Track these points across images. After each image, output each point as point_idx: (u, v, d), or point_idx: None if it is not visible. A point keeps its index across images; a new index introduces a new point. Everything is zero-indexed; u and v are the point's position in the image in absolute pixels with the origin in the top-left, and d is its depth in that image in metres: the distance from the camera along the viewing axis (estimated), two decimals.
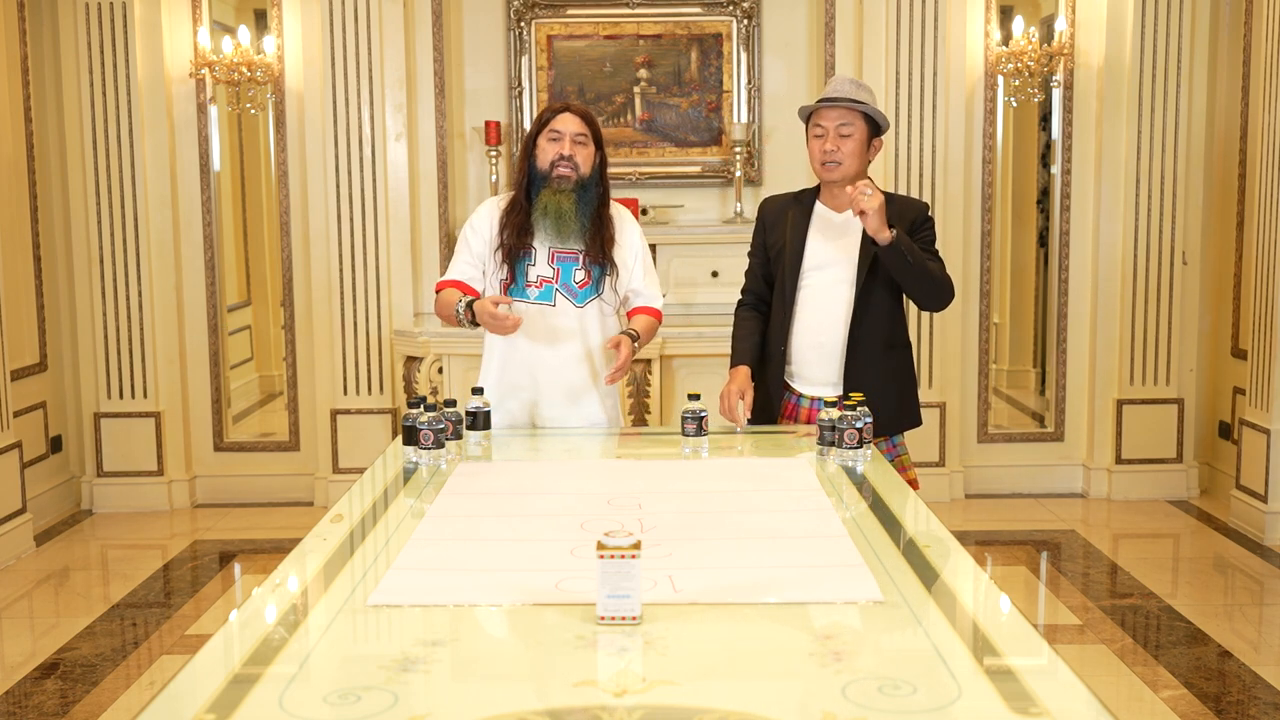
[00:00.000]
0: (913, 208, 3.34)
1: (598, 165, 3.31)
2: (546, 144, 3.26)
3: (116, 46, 5.55)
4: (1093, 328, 5.79)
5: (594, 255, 3.29)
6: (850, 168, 3.24)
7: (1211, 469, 5.89)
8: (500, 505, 2.58)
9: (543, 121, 3.28)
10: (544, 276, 3.29)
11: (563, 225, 3.23)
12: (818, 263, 3.30)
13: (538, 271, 3.29)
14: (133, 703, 3.62)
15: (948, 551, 2.20)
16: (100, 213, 5.63)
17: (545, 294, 3.29)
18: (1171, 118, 5.59)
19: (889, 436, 3.35)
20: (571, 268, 3.30)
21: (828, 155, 3.23)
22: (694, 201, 5.97)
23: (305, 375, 5.85)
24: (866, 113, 3.24)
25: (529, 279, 3.29)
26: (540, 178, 3.25)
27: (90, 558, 5.19)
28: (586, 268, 3.30)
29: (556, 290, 3.29)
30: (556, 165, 3.23)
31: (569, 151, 3.23)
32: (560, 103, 3.33)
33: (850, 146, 3.22)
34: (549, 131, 3.25)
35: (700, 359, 5.22)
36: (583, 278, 3.31)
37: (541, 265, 3.29)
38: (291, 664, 1.73)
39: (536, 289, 3.29)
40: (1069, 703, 1.56)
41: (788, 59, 5.93)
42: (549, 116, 3.27)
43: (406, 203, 5.68)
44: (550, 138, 3.25)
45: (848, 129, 3.22)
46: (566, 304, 3.30)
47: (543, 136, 3.26)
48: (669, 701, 1.56)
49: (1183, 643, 4.01)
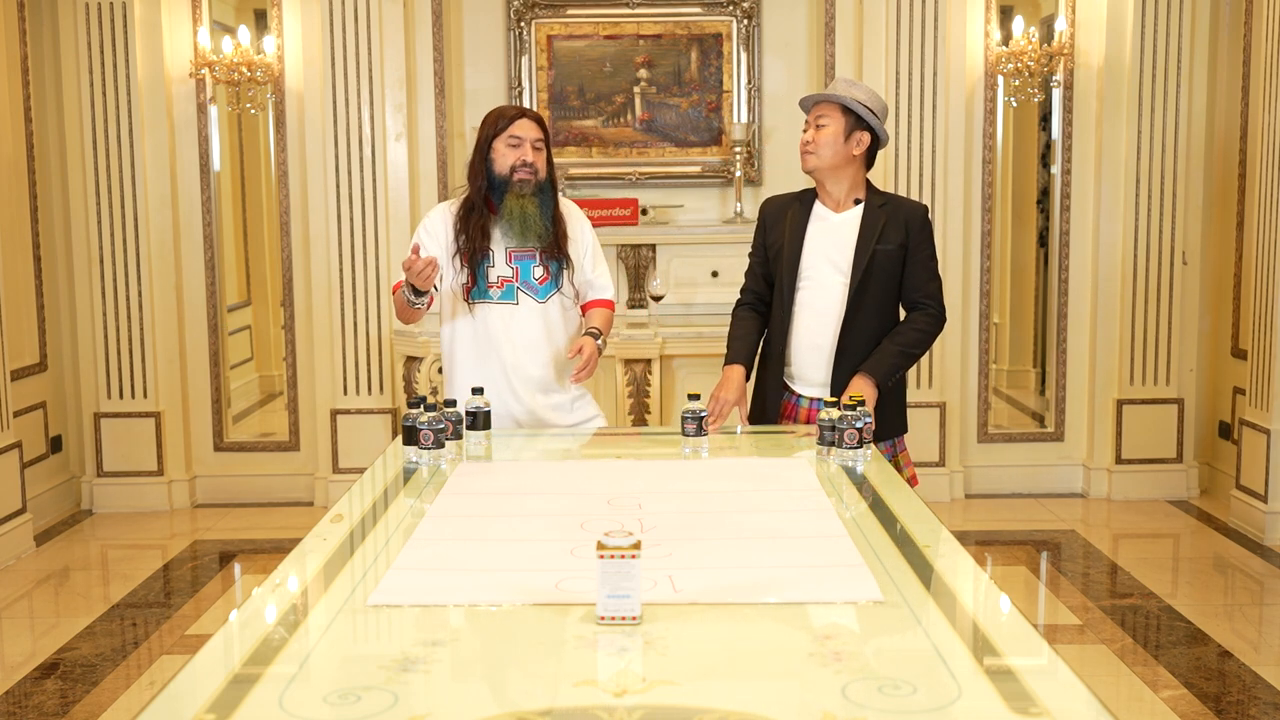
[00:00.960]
0: (911, 212, 3.35)
1: (549, 166, 3.39)
2: (505, 149, 3.31)
3: (116, 46, 5.55)
4: (1093, 328, 5.80)
5: (549, 252, 3.37)
6: (825, 157, 3.28)
7: (1211, 469, 5.89)
8: (500, 505, 2.58)
9: (499, 128, 3.32)
10: (504, 276, 3.36)
11: (527, 227, 3.31)
12: (815, 262, 3.32)
13: (498, 272, 3.36)
14: (133, 703, 3.62)
15: (948, 551, 2.20)
16: (100, 213, 5.63)
17: (508, 293, 3.37)
18: (1171, 118, 5.59)
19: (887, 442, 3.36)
20: (530, 265, 3.37)
21: (804, 144, 3.32)
22: (694, 201, 5.97)
23: (305, 375, 5.85)
24: (844, 105, 3.27)
25: (490, 280, 3.36)
26: (500, 182, 3.32)
27: (90, 558, 5.20)
28: (544, 264, 3.38)
29: (518, 289, 3.37)
30: (517, 170, 3.30)
31: (530, 158, 3.31)
32: (514, 108, 3.37)
33: (825, 136, 3.27)
34: (508, 138, 3.31)
35: (700, 359, 5.23)
36: (541, 274, 3.38)
37: (500, 266, 3.36)
38: (291, 664, 1.73)
39: (498, 289, 3.37)
40: (1069, 703, 1.56)
41: (788, 59, 5.93)
42: (505, 124, 3.32)
43: (406, 203, 5.68)
44: (510, 144, 3.30)
45: (824, 120, 3.29)
46: (529, 301, 3.38)
47: (500, 141, 3.31)
48: (669, 701, 1.56)
49: (1183, 643, 4.01)
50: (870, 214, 3.30)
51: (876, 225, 3.27)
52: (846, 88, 3.32)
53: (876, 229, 3.27)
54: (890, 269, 3.28)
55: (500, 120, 3.33)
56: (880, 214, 3.29)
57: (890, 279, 3.30)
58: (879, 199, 3.34)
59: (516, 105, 3.36)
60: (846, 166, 3.30)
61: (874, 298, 3.28)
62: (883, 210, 3.30)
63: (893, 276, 3.30)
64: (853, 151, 3.29)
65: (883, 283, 3.27)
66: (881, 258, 3.27)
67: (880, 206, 3.31)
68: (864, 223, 3.29)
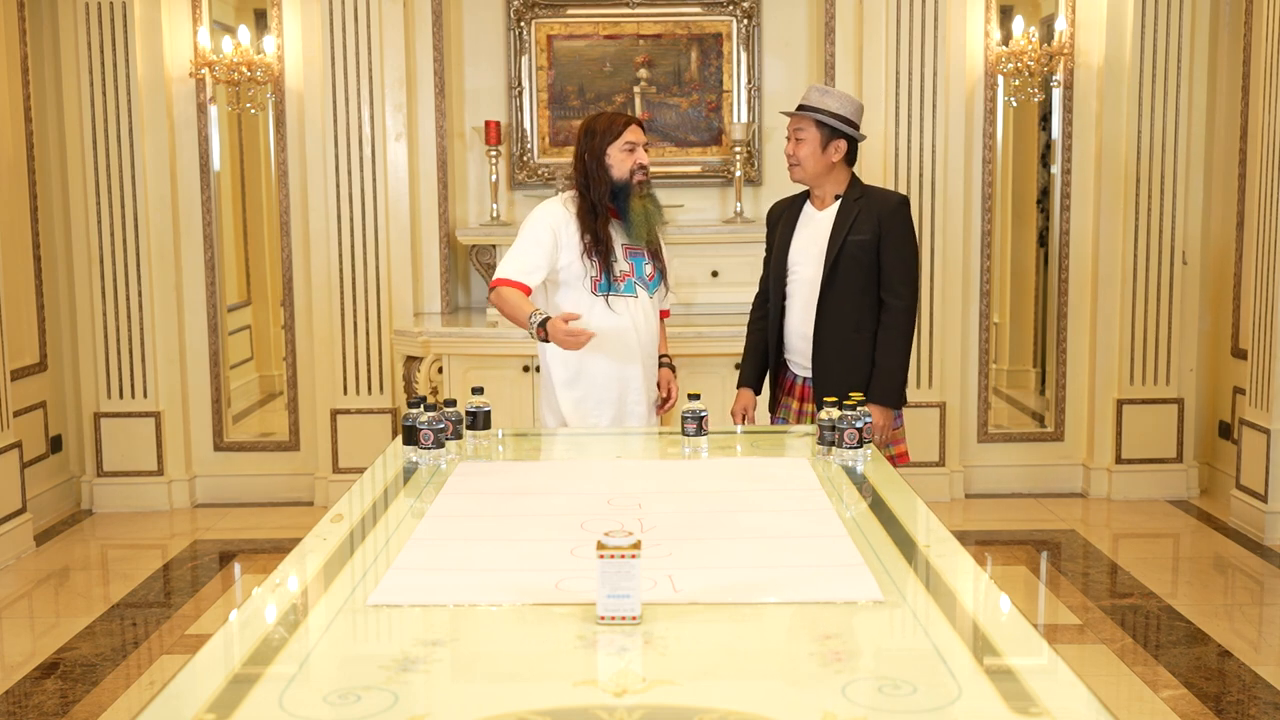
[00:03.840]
0: (884, 203, 3.53)
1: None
2: (622, 154, 3.52)
3: (116, 46, 5.55)
4: (1093, 328, 5.79)
5: (655, 250, 3.65)
6: (808, 169, 3.52)
7: (1211, 469, 5.89)
8: (500, 505, 2.58)
9: (614, 133, 3.52)
10: (624, 271, 3.60)
11: (651, 225, 3.57)
12: (798, 257, 3.58)
13: (619, 267, 3.59)
14: (133, 703, 3.62)
15: (948, 551, 2.20)
16: (100, 213, 5.63)
17: (628, 287, 3.60)
18: (1171, 118, 5.59)
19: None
20: (641, 262, 3.63)
21: (788, 158, 3.55)
22: (694, 201, 5.97)
23: (305, 375, 5.85)
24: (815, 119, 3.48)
25: (614, 274, 3.57)
26: (622, 186, 3.53)
27: (90, 558, 5.20)
28: (651, 261, 3.64)
29: (635, 283, 3.61)
30: (636, 173, 3.53)
31: (646, 161, 3.56)
32: (622, 115, 3.59)
33: (804, 150, 3.50)
34: (623, 143, 3.52)
35: (700, 359, 5.22)
36: (650, 270, 3.64)
37: (621, 262, 3.60)
38: (291, 664, 1.73)
39: (620, 282, 3.59)
40: (1069, 703, 1.56)
41: (788, 59, 5.93)
42: (620, 129, 3.53)
43: (406, 203, 5.68)
44: (625, 149, 3.52)
45: (801, 134, 3.51)
46: (644, 294, 3.63)
47: (615, 147, 3.52)
48: (669, 701, 1.56)
49: (1183, 643, 4.01)
50: (845, 208, 3.51)
51: (849, 218, 3.48)
52: (819, 98, 3.51)
53: (848, 222, 3.48)
54: (862, 259, 3.47)
55: (614, 126, 3.53)
56: (855, 207, 3.49)
57: (861, 268, 3.47)
58: (856, 193, 3.53)
59: (622, 112, 3.73)
60: (829, 172, 3.52)
61: (846, 286, 3.47)
62: (857, 203, 3.50)
63: (864, 266, 3.48)
64: (831, 159, 3.50)
65: (854, 272, 3.47)
66: (853, 248, 3.46)
67: (856, 200, 3.51)
68: (838, 217, 3.51)
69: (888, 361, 3.48)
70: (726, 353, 5.25)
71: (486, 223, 5.82)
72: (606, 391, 3.60)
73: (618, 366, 3.58)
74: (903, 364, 3.51)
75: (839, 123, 3.46)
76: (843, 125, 3.46)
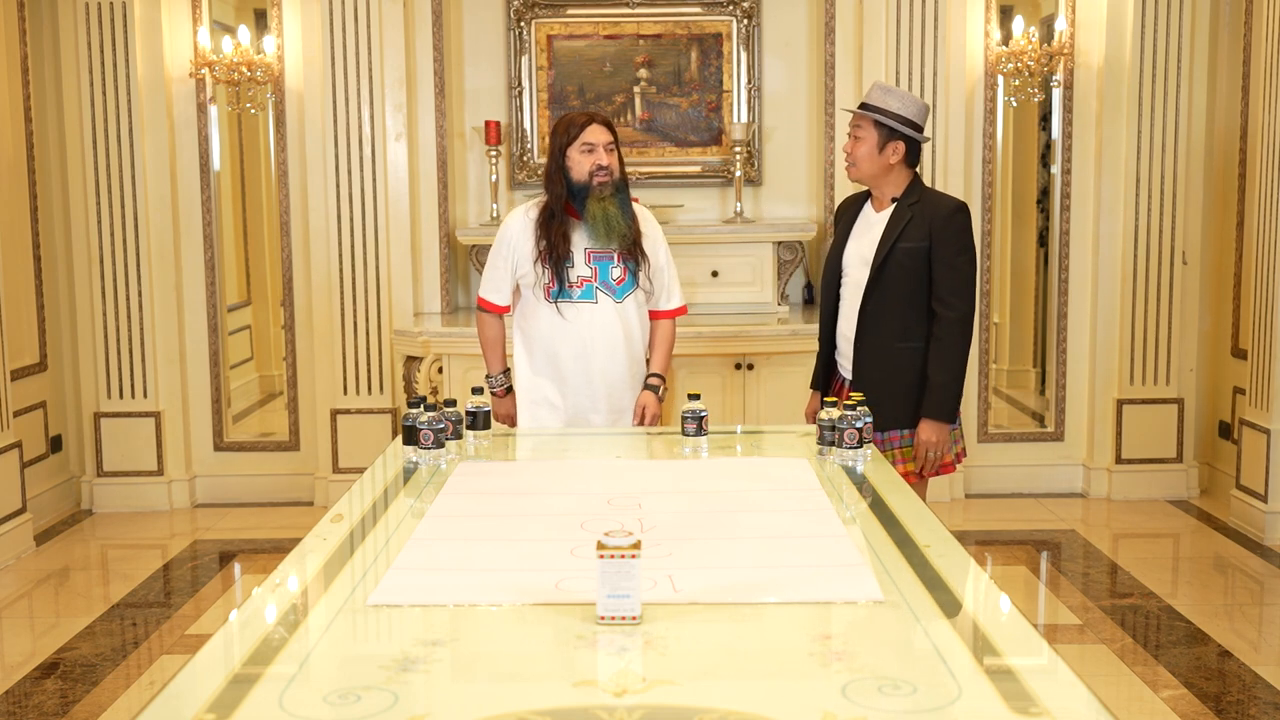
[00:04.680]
0: (937, 210, 3.42)
1: (621, 166, 3.56)
2: (580, 156, 3.46)
3: (116, 46, 5.54)
4: (1093, 328, 5.79)
5: (628, 251, 3.53)
6: (864, 169, 3.44)
7: (1211, 469, 5.89)
8: (500, 505, 2.58)
9: (571, 135, 3.47)
10: (584, 276, 3.52)
11: (611, 228, 3.46)
12: (851, 260, 3.51)
13: (578, 272, 3.52)
14: (133, 703, 3.62)
15: (948, 551, 2.20)
16: (100, 213, 5.63)
17: (587, 292, 3.52)
18: (1171, 118, 5.59)
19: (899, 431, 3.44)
20: (608, 266, 3.53)
21: (846, 157, 3.47)
22: (694, 201, 5.97)
23: (305, 375, 5.85)
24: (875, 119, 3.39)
25: (570, 280, 3.51)
26: (580, 188, 3.46)
27: (90, 558, 5.20)
28: (622, 264, 3.54)
29: (597, 288, 3.52)
30: (595, 175, 3.45)
31: (605, 162, 3.45)
32: (583, 115, 3.52)
33: (862, 150, 3.42)
34: (581, 144, 3.45)
35: (700, 359, 5.22)
36: (619, 274, 3.54)
37: (580, 266, 3.52)
38: (291, 664, 1.73)
39: (578, 288, 3.51)
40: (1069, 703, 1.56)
41: (788, 59, 5.93)
42: (577, 131, 3.46)
43: (406, 203, 5.68)
44: (583, 150, 3.45)
45: (859, 133, 3.43)
46: (607, 300, 3.53)
47: (574, 149, 3.46)
48: (669, 701, 1.56)
49: (1183, 643, 4.01)
50: (898, 212, 3.42)
51: (901, 223, 3.39)
52: (881, 97, 3.42)
53: (899, 227, 3.38)
54: (911, 266, 3.37)
55: (571, 128, 3.47)
56: (908, 212, 3.40)
57: (910, 275, 3.38)
58: (912, 197, 3.43)
59: (583, 111, 3.58)
60: (887, 174, 3.44)
61: (892, 293, 3.38)
62: (912, 208, 3.40)
63: (914, 273, 3.38)
64: (889, 161, 3.42)
65: (901, 279, 3.38)
66: (901, 255, 3.37)
67: (911, 205, 3.41)
68: (890, 221, 3.42)
69: (938, 375, 3.37)
70: (726, 353, 5.26)
71: (486, 223, 5.82)
72: (561, 399, 3.56)
73: (572, 375, 3.54)
74: (955, 377, 3.39)
75: (899, 124, 3.37)
76: (902, 126, 3.37)
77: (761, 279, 5.67)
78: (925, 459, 3.40)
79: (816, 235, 5.73)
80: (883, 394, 3.32)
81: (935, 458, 3.40)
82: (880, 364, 3.41)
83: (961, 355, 3.40)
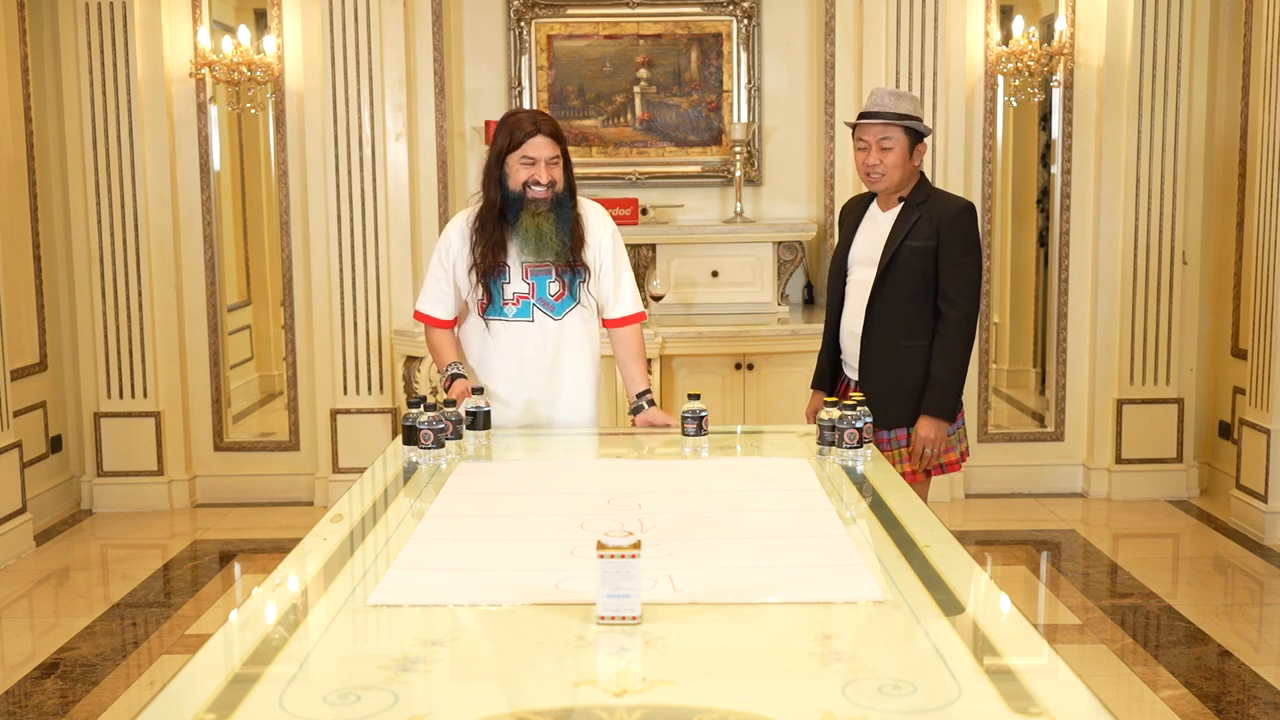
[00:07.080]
0: (945, 209, 3.41)
1: (567, 174, 3.28)
2: (519, 167, 3.20)
3: (116, 46, 5.54)
4: (1093, 328, 5.79)
5: (566, 266, 3.29)
6: (894, 178, 3.39)
7: (1211, 469, 5.89)
8: (500, 505, 2.58)
9: (513, 142, 3.20)
10: (520, 293, 3.30)
11: (543, 245, 3.23)
12: (856, 259, 3.50)
13: (513, 289, 3.30)
14: (133, 703, 3.62)
15: (948, 551, 2.20)
16: (100, 213, 5.63)
17: (523, 310, 3.31)
18: (1171, 118, 5.59)
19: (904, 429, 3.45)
20: (545, 280, 3.31)
21: (870, 168, 3.40)
22: (694, 201, 5.97)
23: (305, 375, 5.85)
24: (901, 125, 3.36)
25: (505, 297, 3.30)
26: (515, 199, 3.22)
27: (90, 557, 5.19)
28: (560, 278, 3.30)
29: (534, 306, 3.31)
30: (530, 188, 3.21)
31: (545, 179, 3.20)
32: (529, 123, 3.21)
33: (892, 159, 3.37)
34: (521, 156, 3.20)
35: (700, 359, 5.23)
36: (557, 290, 3.31)
37: (516, 282, 3.29)
38: (291, 664, 1.73)
39: (514, 306, 3.31)
40: (1069, 703, 1.56)
41: (788, 59, 5.93)
42: (521, 139, 3.19)
43: (406, 203, 5.68)
44: (523, 162, 3.20)
45: (889, 142, 3.37)
46: (544, 318, 3.32)
47: (514, 157, 3.21)
48: (669, 701, 1.56)
49: (1183, 643, 4.01)
50: (906, 211, 3.41)
51: (908, 222, 3.38)
52: (894, 103, 3.39)
53: (907, 226, 3.37)
54: (918, 265, 3.37)
55: (515, 133, 3.20)
56: (916, 211, 3.39)
57: (917, 274, 3.37)
58: (921, 196, 3.42)
59: (532, 118, 3.23)
60: (912, 177, 3.43)
61: (898, 291, 3.38)
62: (920, 208, 3.39)
63: (921, 272, 3.37)
64: (915, 164, 3.42)
65: (908, 278, 3.37)
66: (908, 253, 3.36)
67: (919, 204, 3.40)
68: (898, 220, 3.41)
69: (941, 373, 3.37)
70: (726, 353, 5.26)
71: None
72: (501, 417, 3.31)
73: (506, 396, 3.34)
74: (957, 375, 3.40)
75: (921, 125, 3.39)
76: (921, 126, 3.39)
77: (761, 279, 5.67)
78: (922, 455, 3.40)
79: (816, 235, 5.74)
80: (888, 392, 3.35)
81: (932, 454, 3.40)
82: (886, 362, 3.41)
83: (964, 354, 3.40)
